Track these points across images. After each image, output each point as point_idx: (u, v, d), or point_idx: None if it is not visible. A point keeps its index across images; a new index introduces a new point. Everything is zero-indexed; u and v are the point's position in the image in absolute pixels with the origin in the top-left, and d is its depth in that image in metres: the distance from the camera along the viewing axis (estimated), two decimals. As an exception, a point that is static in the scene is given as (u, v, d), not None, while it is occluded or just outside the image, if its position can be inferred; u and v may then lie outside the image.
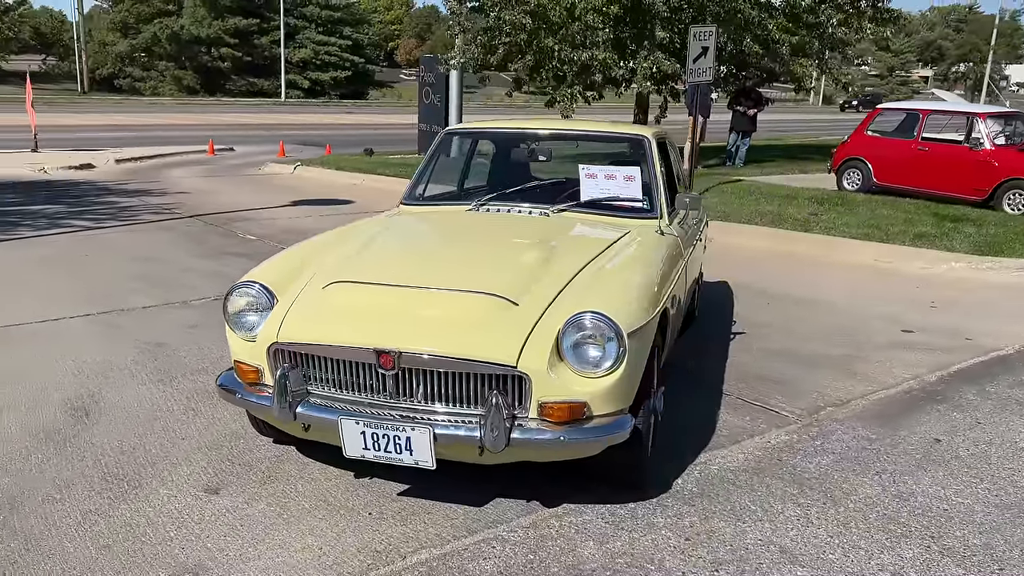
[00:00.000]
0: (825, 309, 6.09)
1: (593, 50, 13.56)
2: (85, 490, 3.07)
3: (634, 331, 2.78)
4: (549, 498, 3.09)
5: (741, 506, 3.09)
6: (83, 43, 47.54)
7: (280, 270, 3.20)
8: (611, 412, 2.78)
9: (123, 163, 16.77)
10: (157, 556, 2.65)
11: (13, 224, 9.20)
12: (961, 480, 3.37)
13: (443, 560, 2.67)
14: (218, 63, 49.42)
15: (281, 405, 2.81)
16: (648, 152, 4.27)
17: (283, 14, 48.70)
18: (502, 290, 2.89)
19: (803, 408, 4.11)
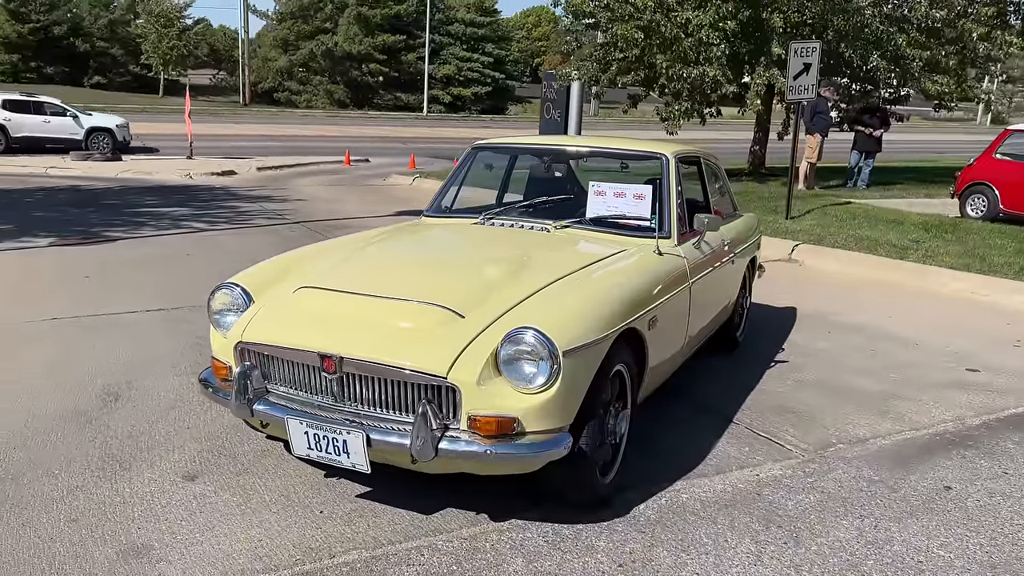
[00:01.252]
0: (893, 342, 5.73)
1: (705, 66, 13.31)
2: (81, 468, 3.36)
3: (572, 349, 2.77)
4: (501, 512, 3.11)
5: (693, 538, 2.99)
6: (246, 59, 51.10)
7: (263, 274, 3.40)
8: (546, 429, 2.78)
9: (263, 171, 17.95)
10: (114, 534, 2.88)
11: (140, 224, 10.06)
12: (954, 532, 3.11)
13: (368, 563, 2.75)
14: (367, 78, 51.80)
15: (240, 401, 2.98)
16: (664, 170, 4.20)
17: (429, 31, 50.44)
18: (452, 302, 2.95)
19: (811, 443, 3.91)
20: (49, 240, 8.74)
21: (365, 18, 50.75)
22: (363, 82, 52.06)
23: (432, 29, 51.73)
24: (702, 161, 4.85)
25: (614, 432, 3.20)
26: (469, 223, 4.20)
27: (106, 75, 57.71)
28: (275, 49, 53.85)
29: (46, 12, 56.15)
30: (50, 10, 56.30)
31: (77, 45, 56.64)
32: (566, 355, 2.74)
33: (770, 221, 10.05)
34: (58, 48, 56.58)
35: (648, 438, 3.86)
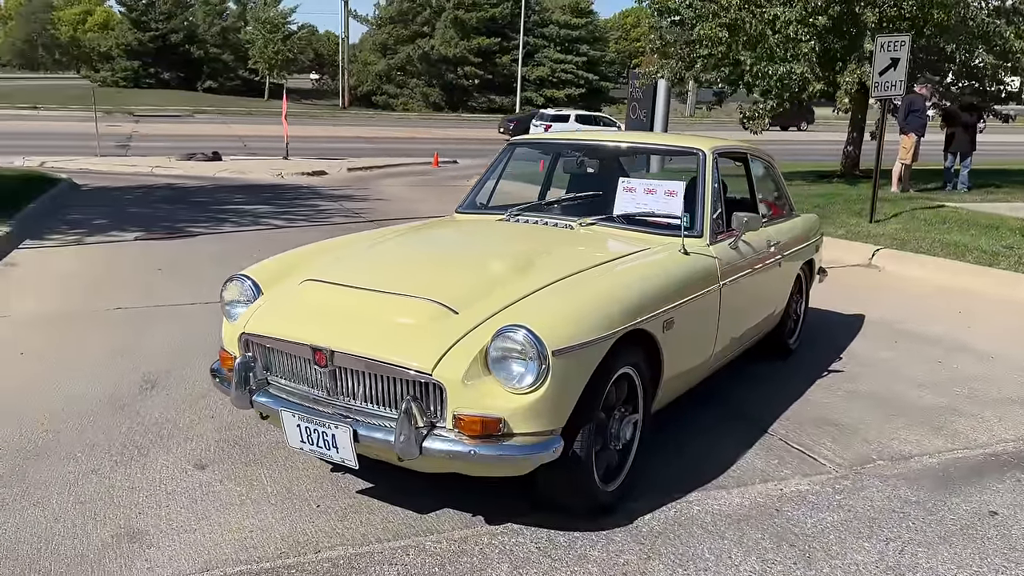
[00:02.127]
0: (966, 354, 5.34)
1: (792, 64, 12.82)
2: (101, 452, 3.46)
3: (564, 349, 2.66)
4: (498, 515, 3.02)
5: (694, 553, 2.84)
6: (346, 63, 52.55)
7: (275, 267, 3.42)
8: (535, 431, 2.68)
9: (353, 171, 18.40)
10: (115, 517, 2.94)
11: (222, 220, 10.44)
12: (990, 562, 2.84)
13: (351, 560, 2.72)
14: (462, 81, 52.45)
15: (239, 392, 3.00)
16: (700, 167, 4.03)
17: (523, 33, 50.63)
18: (447, 298, 2.89)
19: (848, 459, 3.66)
20: (135, 235, 9.16)
21: (461, 21, 51.39)
22: (458, 85, 52.73)
23: (527, 31, 51.91)
24: (749, 157, 4.63)
25: (618, 437, 3.06)
26: (494, 220, 4.13)
27: (217, 80, 60.48)
28: (374, 53, 55.20)
29: (164, 21, 59.27)
30: (168, 19, 59.39)
31: (192, 51, 59.55)
32: (557, 355, 2.64)
33: (852, 224, 9.59)
34: (174, 55, 59.64)
35: (670, 445, 3.70)
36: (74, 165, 19.22)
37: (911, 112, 12.79)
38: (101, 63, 62.40)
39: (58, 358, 4.73)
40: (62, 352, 4.86)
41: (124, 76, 58.60)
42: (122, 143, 26.42)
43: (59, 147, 22.33)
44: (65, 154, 21.10)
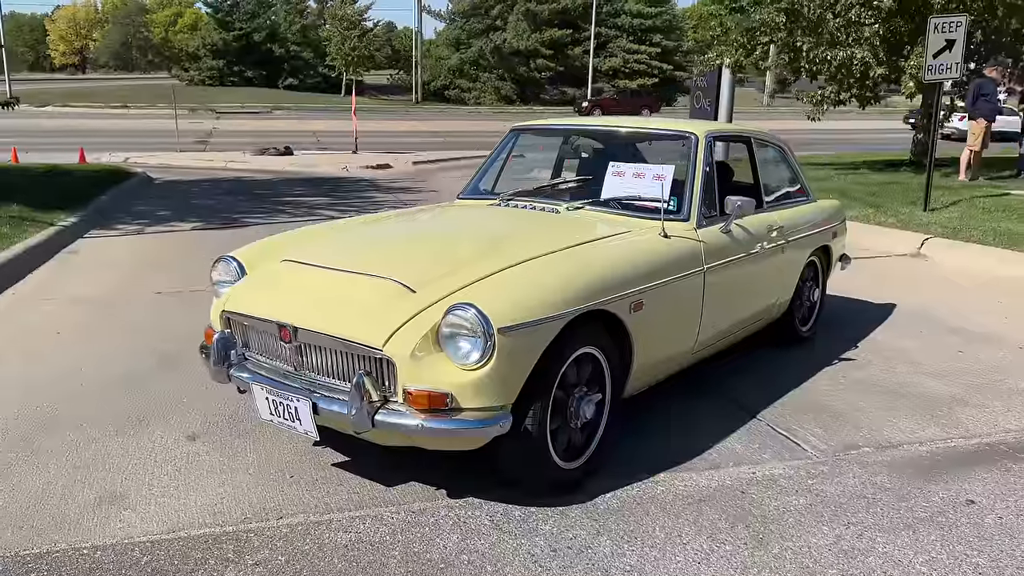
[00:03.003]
0: (993, 344, 5.15)
1: (854, 48, 12.44)
2: (107, 423, 3.69)
3: (510, 327, 2.72)
4: (463, 490, 3.11)
5: (645, 530, 2.86)
6: (419, 58, 53.22)
7: (261, 250, 3.58)
8: (483, 407, 2.75)
9: (418, 164, 18.73)
10: (103, 481, 3.14)
11: (278, 211, 10.81)
12: (951, 549, 2.78)
13: (309, 527, 2.85)
14: (534, 73, 52.50)
15: (217, 367, 3.18)
16: (691, 150, 4.02)
17: (596, 24, 50.33)
18: (407, 278, 2.99)
19: (833, 445, 3.61)
20: (193, 225, 9.58)
21: (533, 14, 51.41)
22: (530, 77, 52.80)
23: (600, 22, 51.56)
24: (753, 141, 4.58)
25: (577, 416, 3.10)
26: (486, 204, 4.21)
27: (298, 77, 62.11)
28: (447, 48, 55.73)
29: (248, 20, 61.22)
30: (251, 18, 61.33)
31: (273, 50, 61.33)
32: (503, 333, 2.70)
33: (905, 213, 9.29)
34: (257, 53, 61.53)
35: (650, 427, 3.72)
36: (155, 160, 20.11)
37: (980, 97, 12.27)
38: (189, 63, 64.88)
39: (89, 338, 5.03)
40: (94, 332, 5.16)
41: (210, 75, 60.77)
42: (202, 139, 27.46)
43: (144, 143, 23.36)
44: (149, 150, 22.08)
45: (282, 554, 2.66)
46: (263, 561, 2.62)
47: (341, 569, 2.59)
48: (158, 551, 2.66)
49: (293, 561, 2.62)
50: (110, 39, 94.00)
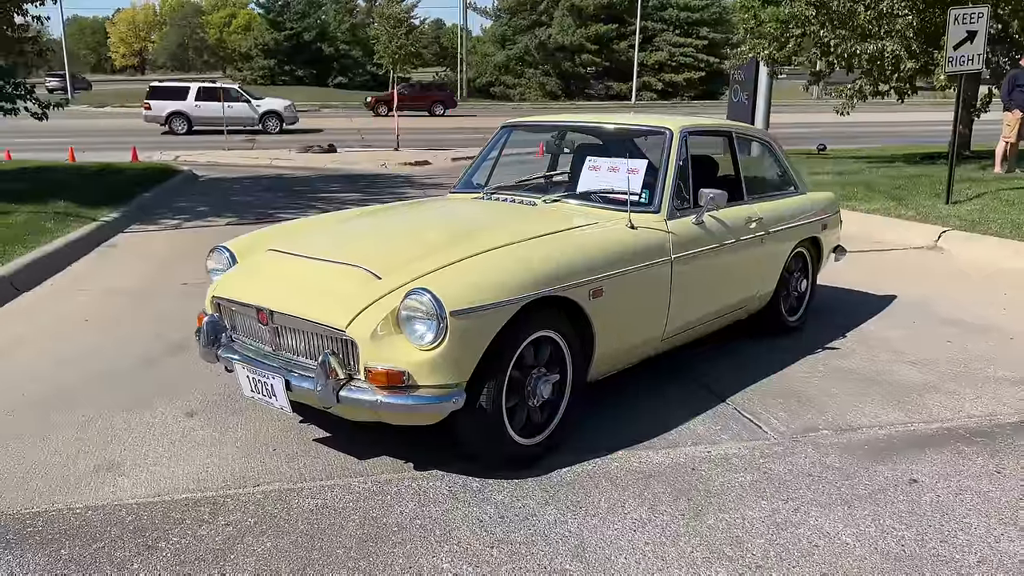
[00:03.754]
0: (984, 335, 5.19)
1: (885, 41, 12.33)
2: (114, 402, 4.01)
3: (463, 311, 2.94)
4: (429, 463, 3.33)
5: (590, 501, 3.06)
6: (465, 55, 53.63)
7: (252, 240, 3.87)
8: (438, 384, 2.98)
9: (456, 161, 19.03)
10: (103, 452, 3.45)
11: (311, 207, 11.18)
12: (881, 523, 2.92)
13: (281, 494, 3.11)
14: (579, 69, 52.49)
15: (206, 347, 3.46)
16: (665, 145, 4.18)
17: (642, 18, 50.08)
18: (375, 266, 3.23)
19: (794, 428, 3.75)
20: (228, 220, 10.00)
21: (578, 9, 51.39)
22: (575, 73, 52.81)
23: (645, 16, 51.31)
24: (733, 136, 4.72)
25: (535, 395, 3.30)
26: (470, 198, 4.43)
27: (347, 75, 63.12)
28: (493, 45, 56.03)
29: (298, 20, 62.40)
30: (302, 18, 62.49)
31: (323, 49, 62.43)
32: (455, 316, 2.92)
33: (927, 206, 9.24)
34: (307, 52, 62.69)
35: (618, 408, 3.91)
36: (204, 158, 20.78)
37: (1016, 87, 12.04)
38: (242, 63, 66.42)
39: (115, 325, 5.40)
40: (120, 320, 5.53)
41: (261, 74, 62.10)
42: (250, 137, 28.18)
43: (194, 142, 24.07)
44: (199, 148, 22.79)
45: (252, 516, 2.93)
46: (234, 522, 2.89)
47: (303, 530, 2.84)
48: (142, 512, 2.95)
49: (261, 522, 2.89)
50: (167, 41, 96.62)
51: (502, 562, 2.67)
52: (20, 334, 5.20)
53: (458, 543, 2.77)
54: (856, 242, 8.29)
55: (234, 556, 2.67)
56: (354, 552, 2.71)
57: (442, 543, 2.77)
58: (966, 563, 2.69)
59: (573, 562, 2.67)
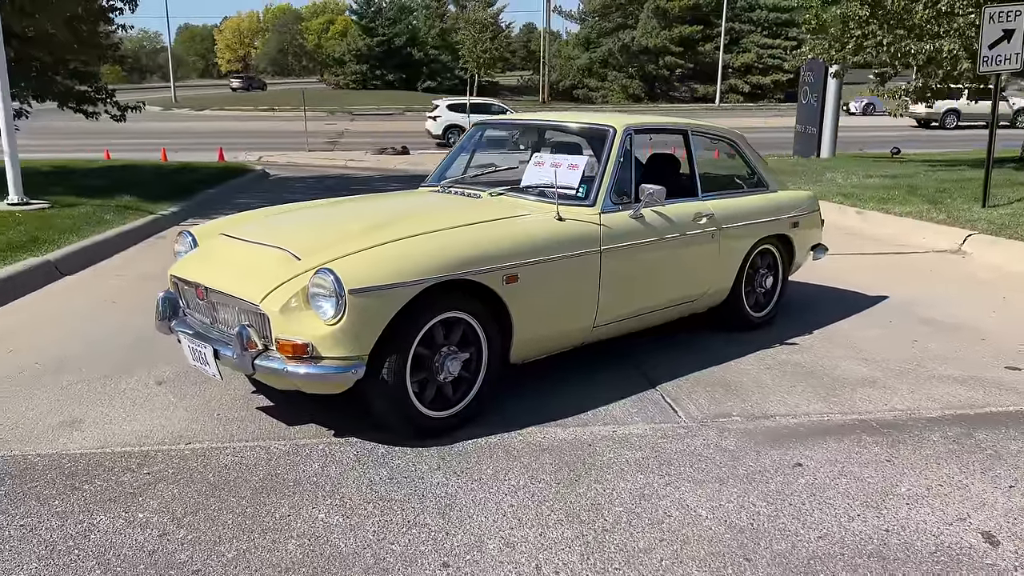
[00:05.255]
0: (955, 335, 5.17)
1: (940, 41, 11.98)
2: (100, 369, 4.47)
3: (361, 289, 3.23)
4: (349, 431, 3.64)
5: (476, 468, 3.30)
6: (547, 58, 54.00)
7: (213, 227, 4.26)
8: (339, 356, 3.28)
9: (522, 162, 19.42)
10: (71, 410, 3.90)
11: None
12: (744, 500, 3.06)
13: (208, 451, 3.47)
14: (662, 71, 52.12)
15: (160, 321, 3.88)
16: (607, 142, 4.38)
17: (729, 20, 49.34)
18: (298, 249, 3.57)
19: (707, 414, 3.89)
20: (277, 216, 10.58)
21: (664, 11, 51.05)
22: (658, 75, 52.52)
23: (733, 17, 50.54)
24: (689, 134, 4.87)
25: (443, 371, 3.56)
26: (427, 191, 4.74)
27: (436, 79, 64.43)
28: (577, 48, 56.22)
29: (390, 26, 64.10)
30: (393, 24, 64.19)
31: (413, 53, 63.94)
32: (354, 293, 3.22)
33: (961, 210, 9.04)
34: (398, 57, 64.35)
35: (546, 388, 4.14)
36: (284, 159, 21.82)
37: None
38: (336, 68, 68.68)
39: (136, 307, 5.91)
40: (143, 303, 6.03)
41: (354, 79, 64.12)
42: (332, 139, 29.30)
43: (280, 143, 25.24)
44: (282, 149, 23.91)
45: (172, 468, 3.30)
46: (154, 472, 3.27)
47: (210, 481, 3.20)
48: (81, 460, 3.36)
49: (177, 473, 3.26)
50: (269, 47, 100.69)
51: (372, 515, 2.95)
52: (51, 311, 5.79)
53: (341, 498, 3.07)
54: (881, 245, 8.23)
55: (142, 499, 3.05)
56: (245, 501, 3.04)
57: (327, 498, 3.08)
58: (805, 537, 2.81)
59: (435, 518, 2.93)
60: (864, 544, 2.78)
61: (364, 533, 2.83)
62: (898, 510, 3.01)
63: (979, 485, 3.20)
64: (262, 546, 2.75)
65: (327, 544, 2.76)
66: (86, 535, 2.80)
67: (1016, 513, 2.98)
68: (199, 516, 2.93)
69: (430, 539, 2.80)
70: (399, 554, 2.71)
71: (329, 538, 2.80)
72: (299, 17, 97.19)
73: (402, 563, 2.66)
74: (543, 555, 2.71)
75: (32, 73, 12.45)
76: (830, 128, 19.31)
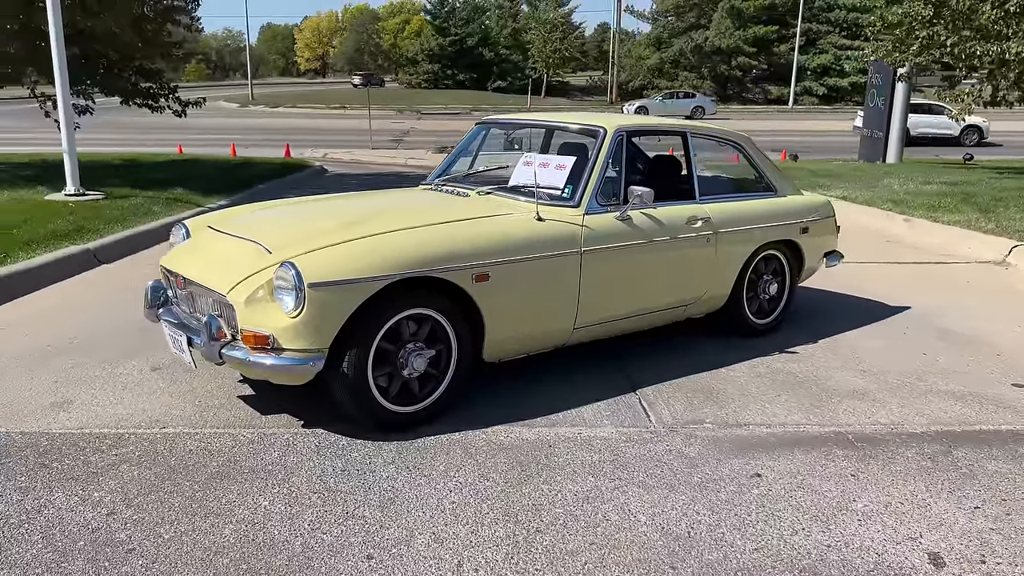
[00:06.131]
0: (968, 349, 4.96)
1: (1008, 42, 11.46)
2: (102, 355, 4.65)
3: (321, 284, 3.30)
4: (319, 423, 3.71)
5: (430, 464, 3.33)
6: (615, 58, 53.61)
7: (205, 219, 4.37)
8: (300, 348, 3.35)
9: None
10: (65, 391, 4.07)
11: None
12: (689, 508, 3.01)
13: (178, 436, 3.57)
14: (735, 72, 51.17)
15: (148, 309, 4.02)
16: (596, 143, 4.35)
17: (805, 20, 48.14)
18: (271, 243, 3.65)
19: (680, 420, 3.83)
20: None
21: (738, 10, 50.12)
22: (731, 76, 51.57)
23: (811, 17, 49.29)
24: (688, 136, 4.80)
25: (407, 366, 3.59)
26: (421, 189, 4.79)
27: (506, 79, 64.68)
28: (648, 48, 55.67)
29: (463, 26, 64.63)
30: (466, 24, 64.69)
31: (484, 53, 64.32)
32: (313, 288, 3.29)
33: (1014, 220, 8.66)
34: (469, 57, 64.81)
35: (521, 387, 4.15)
36: (347, 156, 22.27)
37: None
38: (409, 67, 69.61)
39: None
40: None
41: (425, 78, 64.87)
42: (397, 138, 29.72)
43: (346, 141, 25.75)
44: (349, 146, 24.40)
45: (138, 450, 3.43)
46: (122, 453, 3.40)
47: (171, 465, 3.31)
48: (59, 439, 3.52)
49: (142, 456, 3.38)
50: (346, 46, 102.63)
51: (313, 505, 3.01)
52: (80, 297, 6.06)
53: (289, 488, 3.14)
54: (921, 254, 7.95)
55: (103, 479, 3.17)
56: (198, 485, 3.14)
57: (276, 486, 3.15)
58: (741, 549, 2.76)
59: (374, 510, 2.98)
60: (799, 559, 2.71)
61: (301, 522, 2.89)
62: (847, 526, 2.91)
63: (942, 504, 3.07)
64: (200, 529, 2.83)
65: (262, 531, 2.83)
66: (40, 510, 2.93)
67: (973, 535, 2.86)
68: (150, 498, 3.04)
69: (363, 531, 2.84)
70: (328, 544, 2.76)
71: (266, 525, 2.87)
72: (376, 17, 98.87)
73: (329, 553, 2.71)
74: (468, 552, 2.72)
75: (99, 70, 13.00)
76: (897, 132, 18.66)
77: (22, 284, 6.22)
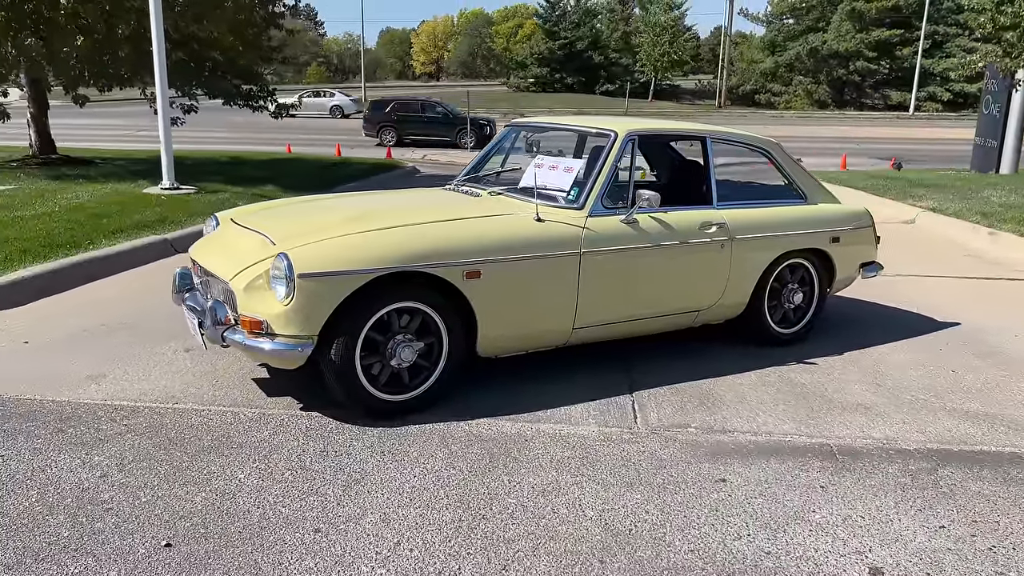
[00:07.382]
0: (1004, 369, 4.73)
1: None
2: (150, 334, 5.04)
3: (311, 275, 3.51)
4: (318, 406, 3.93)
5: (405, 451, 3.47)
6: (726, 61, 52.46)
7: (234, 213, 4.67)
8: (291, 335, 3.57)
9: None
10: (100, 365, 4.43)
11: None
12: (640, 508, 3.05)
13: (185, 411, 3.85)
14: (853, 76, 49.19)
15: (175, 294, 4.34)
16: (606, 146, 4.40)
17: (931, 22, 45.80)
18: (277, 236, 3.90)
19: (666, 424, 3.84)
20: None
21: (859, 13, 48.15)
22: (848, 80, 49.60)
23: (937, 20, 46.85)
24: (708, 141, 4.78)
25: (395, 356, 3.75)
26: (438, 189, 4.96)
27: (614, 82, 64.35)
28: (762, 51, 54.21)
29: (573, 29, 64.73)
30: (576, 27, 64.76)
31: (593, 57, 64.22)
32: (303, 278, 3.50)
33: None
34: (578, 60, 64.84)
35: (519, 384, 4.24)
36: (445, 158, 22.81)
37: None
38: (519, 70, 70.24)
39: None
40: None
41: (534, 82, 65.31)
42: (495, 140, 29.93)
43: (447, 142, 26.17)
44: (446, 148, 24.97)
45: (145, 422, 3.73)
46: (130, 424, 3.70)
47: (169, 437, 3.58)
48: (82, 408, 3.86)
49: (147, 427, 3.67)
50: (460, 50, 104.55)
51: (283, 481, 3.21)
52: (148, 283, 6.53)
53: (267, 464, 3.36)
54: (996, 269, 7.59)
55: (106, 445, 3.48)
56: (187, 456, 3.40)
57: (256, 462, 3.37)
58: (676, 549, 2.78)
59: (337, 489, 3.15)
60: (732, 563, 2.71)
61: (267, 495, 3.10)
62: (795, 536, 2.89)
63: (905, 521, 2.99)
64: (175, 495, 3.08)
65: (229, 501, 3.05)
66: (44, 470, 3.25)
67: (926, 554, 2.78)
68: (141, 465, 3.32)
69: (320, 507, 3.02)
70: (284, 517, 2.95)
71: (235, 496, 3.09)
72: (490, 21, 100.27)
73: (282, 525, 2.90)
74: (410, 533, 2.86)
75: (204, 73, 13.84)
76: (1013, 141, 17.57)
77: (101, 268, 6.77)
